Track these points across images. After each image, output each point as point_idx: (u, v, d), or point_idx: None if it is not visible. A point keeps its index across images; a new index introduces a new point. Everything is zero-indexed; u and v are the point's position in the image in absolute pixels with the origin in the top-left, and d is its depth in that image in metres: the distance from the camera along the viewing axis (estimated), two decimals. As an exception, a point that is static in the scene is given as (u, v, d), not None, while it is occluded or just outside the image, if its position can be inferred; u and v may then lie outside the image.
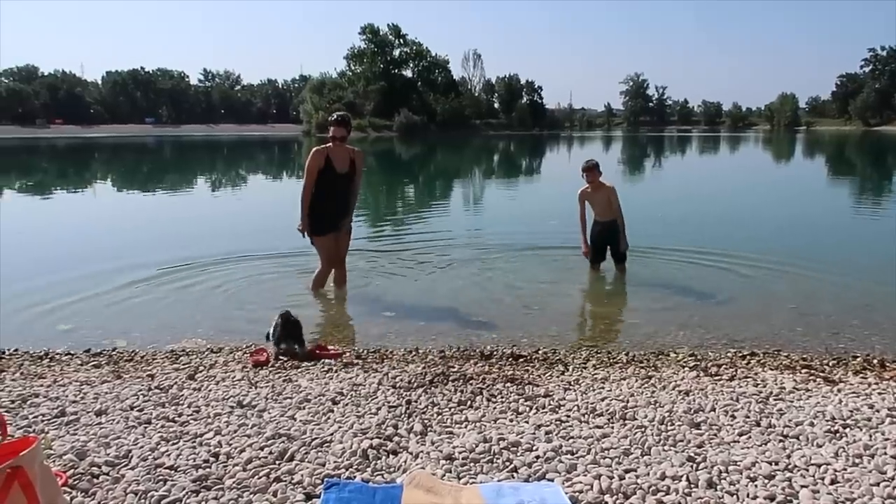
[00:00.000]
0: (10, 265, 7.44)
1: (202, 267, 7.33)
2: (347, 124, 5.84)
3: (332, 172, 5.76)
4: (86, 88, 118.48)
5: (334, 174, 5.77)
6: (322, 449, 2.70)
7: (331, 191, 5.79)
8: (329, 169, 5.75)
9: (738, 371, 3.86)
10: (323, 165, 5.72)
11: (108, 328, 5.19)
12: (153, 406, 3.23)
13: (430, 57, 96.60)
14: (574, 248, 7.26)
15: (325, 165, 5.73)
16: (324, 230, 5.84)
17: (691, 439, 2.80)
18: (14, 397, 3.35)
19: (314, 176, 5.73)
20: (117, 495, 2.32)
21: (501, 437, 2.78)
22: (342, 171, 5.81)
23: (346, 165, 5.83)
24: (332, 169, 5.75)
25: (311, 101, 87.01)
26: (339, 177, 5.80)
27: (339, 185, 5.83)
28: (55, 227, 11.31)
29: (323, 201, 5.77)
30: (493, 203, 15.92)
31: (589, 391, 3.45)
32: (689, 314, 5.54)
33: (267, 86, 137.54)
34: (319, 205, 5.77)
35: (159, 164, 33.83)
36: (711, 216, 12.00)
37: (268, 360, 4.06)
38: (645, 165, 31.74)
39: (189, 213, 13.60)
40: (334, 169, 5.77)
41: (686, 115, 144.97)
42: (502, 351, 4.43)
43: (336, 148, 5.78)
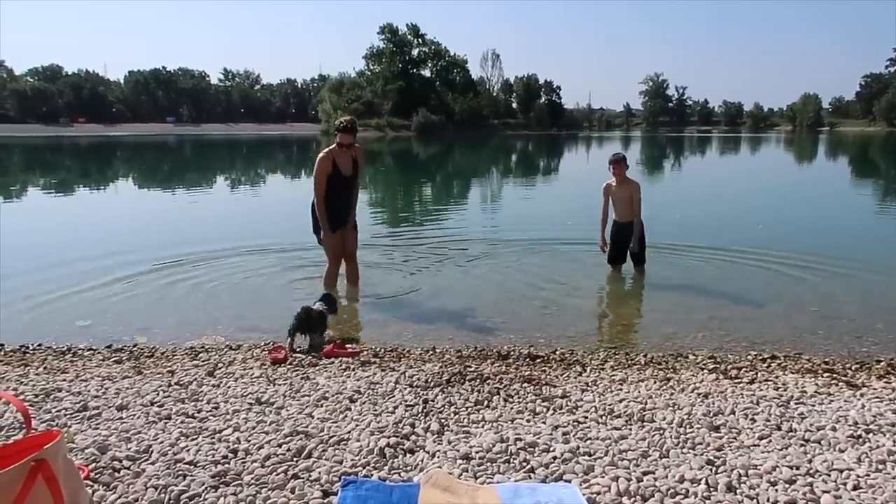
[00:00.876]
0: (29, 260, 7.54)
1: (222, 263, 7.40)
2: (355, 131, 6.00)
3: (339, 176, 5.96)
4: (108, 88, 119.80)
5: (340, 177, 5.97)
6: (339, 447, 2.71)
7: (336, 192, 5.97)
8: (336, 173, 5.93)
9: (759, 374, 3.82)
10: (331, 170, 5.90)
11: (128, 324, 5.26)
12: (173, 402, 3.26)
13: (448, 57, 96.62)
14: (592, 244, 7.22)
15: (333, 170, 5.91)
16: (334, 228, 6.02)
17: (710, 442, 2.77)
18: (38, 391, 3.41)
19: (324, 183, 5.89)
20: (138, 489, 2.35)
21: (518, 438, 2.78)
22: (347, 173, 6.01)
23: (350, 167, 6.03)
24: (338, 173, 5.95)
25: (330, 100, 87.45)
26: (344, 179, 6.00)
27: (343, 187, 6.04)
28: (75, 223, 11.45)
29: (328, 202, 5.95)
30: (511, 203, 15.88)
31: (607, 392, 3.43)
32: (709, 316, 5.49)
33: (286, 85, 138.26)
34: (327, 206, 5.96)
35: (179, 163, 34.16)
36: (732, 216, 11.88)
37: (286, 358, 4.09)
38: (664, 166, 31.49)
39: (208, 210, 13.70)
40: (340, 172, 5.97)
41: (706, 116, 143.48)
42: (519, 351, 4.42)
43: (341, 151, 5.94)
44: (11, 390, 3.40)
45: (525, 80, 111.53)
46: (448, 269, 7.37)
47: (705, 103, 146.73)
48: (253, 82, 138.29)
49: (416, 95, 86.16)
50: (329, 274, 6.20)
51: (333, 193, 5.95)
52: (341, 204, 6.05)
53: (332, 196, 5.95)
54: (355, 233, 6.28)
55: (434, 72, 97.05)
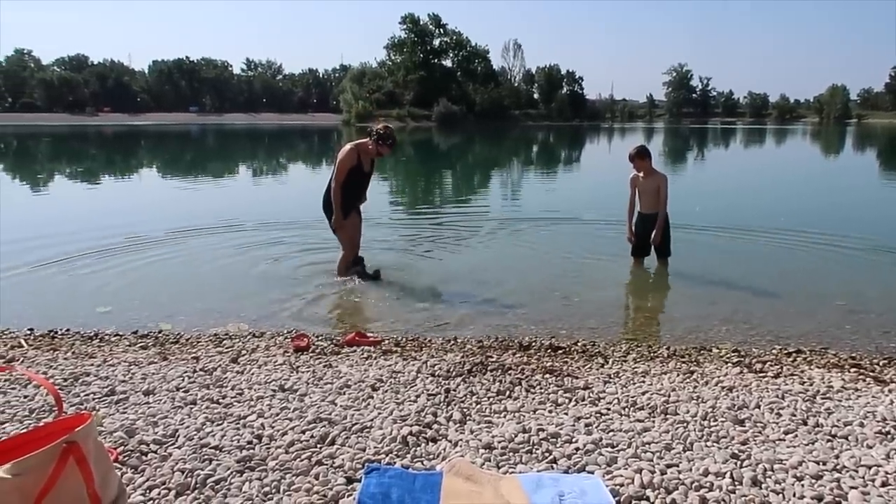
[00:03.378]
0: (52, 246, 7.67)
1: (244, 250, 7.48)
2: (392, 146, 6.13)
3: (359, 171, 6.11)
4: (133, 77, 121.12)
5: (360, 173, 6.13)
6: (362, 434, 2.73)
7: (353, 186, 6.13)
8: (357, 167, 6.07)
9: (784, 368, 3.77)
10: (354, 164, 6.02)
11: (152, 311, 5.32)
12: (198, 388, 3.31)
13: (469, 47, 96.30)
14: (617, 233, 7.17)
15: (356, 164, 6.04)
16: (348, 213, 6.18)
17: (735, 436, 2.75)
18: (67, 375, 3.47)
19: (346, 174, 6.00)
20: (165, 473, 2.39)
21: (541, 428, 2.78)
22: (366, 170, 6.22)
23: (370, 165, 6.24)
24: (360, 168, 6.10)
25: (351, 90, 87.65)
26: (363, 174, 6.18)
27: (361, 182, 6.22)
28: (96, 210, 11.59)
29: (347, 195, 6.11)
30: (532, 193, 15.80)
31: (629, 384, 3.41)
32: (733, 309, 5.42)
33: (308, 75, 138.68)
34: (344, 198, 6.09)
35: (203, 152, 34.47)
36: (755, 208, 11.70)
37: (308, 346, 4.12)
38: (687, 157, 31.13)
39: (230, 197, 13.82)
40: (362, 168, 6.13)
41: (731, 107, 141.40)
42: (541, 342, 4.41)
43: (367, 150, 6.08)
44: (41, 374, 3.46)
45: (547, 71, 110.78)
46: (468, 259, 7.37)
47: (730, 94, 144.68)
48: (275, 72, 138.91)
49: (437, 86, 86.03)
50: (345, 260, 6.34)
51: (352, 186, 6.11)
52: (357, 195, 6.26)
53: (350, 188, 6.12)
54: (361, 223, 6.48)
55: (455, 62, 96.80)
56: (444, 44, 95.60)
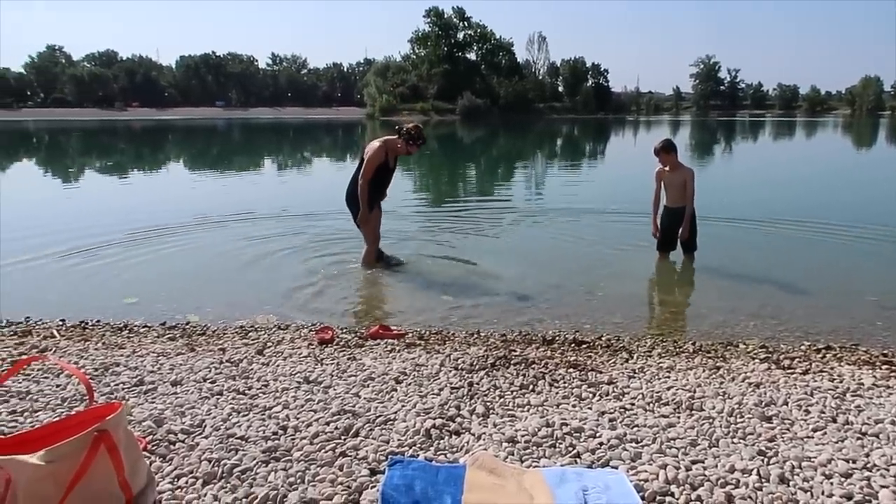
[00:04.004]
0: (79, 238, 7.83)
1: (269, 242, 7.55)
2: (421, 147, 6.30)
3: (385, 168, 6.25)
4: (160, 72, 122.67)
5: (386, 169, 6.28)
6: (386, 426, 2.75)
7: (379, 182, 6.28)
8: (384, 164, 6.21)
9: (813, 365, 3.71)
10: (382, 161, 6.15)
11: (179, 302, 5.40)
12: (224, 379, 3.35)
13: (494, 40, 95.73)
14: (642, 226, 7.11)
15: (384, 161, 6.18)
16: (372, 209, 6.31)
17: (762, 433, 2.71)
18: (97, 365, 3.54)
19: (374, 171, 6.13)
20: (192, 462, 2.43)
21: (564, 423, 2.77)
22: (392, 167, 6.36)
23: (394, 162, 6.37)
24: (386, 165, 6.24)
25: (376, 84, 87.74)
26: (387, 171, 6.33)
27: (386, 178, 6.38)
28: (125, 203, 11.77)
29: (373, 189, 6.24)
30: (556, 186, 15.70)
31: (654, 380, 3.38)
32: (761, 304, 5.35)
33: (332, 69, 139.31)
34: (371, 192, 6.21)
35: (229, 146, 34.82)
36: (785, 200, 11.51)
37: (332, 339, 4.15)
38: (714, 150, 30.69)
39: (255, 191, 13.95)
40: (387, 165, 6.26)
41: (759, 99, 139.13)
42: (565, 336, 4.39)
43: (396, 148, 6.20)
44: (73, 364, 3.54)
45: (572, 64, 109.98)
46: (491, 252, 7.35)
47: (759, 86, 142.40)
48: (300, 67, 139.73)
49: (461, 79, 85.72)
50: (370, 253, 6.45)
51: (377, 182, 6.24)
52: (381, 191, 6.40)
53: (380, 185, 6.29)
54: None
55: (479, 55, 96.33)
56: (468, 37, 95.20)
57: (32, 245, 7.44)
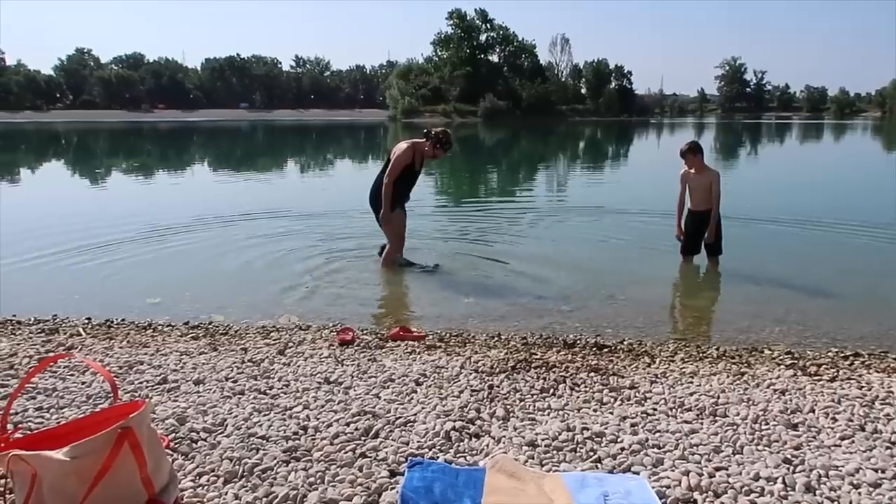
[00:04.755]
0: (101, 237, 7.95)
1: (290, 242, 7.60)
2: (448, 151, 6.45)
3: (412, 170, 6.32)
4: (186, 75, 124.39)
5: (412, 171, 6.34)
6: (406, 428, 2.75)
7: (405, 182, 6.34)
8: (411, 166, 6.28)
9: (840, 372, 3.64)
10: (409, 163, 6.22)
11: (201, 302, 5.45)
12: (246, 378, 3.38)
13: (516, 42, 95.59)
14: (664, 228, 7.04)
15: (410, 163, 6.25)
16: (398, 208, 6.36)
17: (787, 440, 2.66)
18: (122, 363, 3.59)
19: (400, 171, 6.20)
20: (214, 460, 2.45)
21: (585, 427, 2.74)
22: (417, 169, 6.42)
23: (420, 165, 6.43)
24: (413, 167, 6.30)
25: (398, 86, 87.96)
26: (413, 173, 6.39)
27: (411, 180, 6.42)
28: (148, 203, 11.91)
29: (400, 190, 6.30)
30: (578, 188, 15.63)
31: (677, 385, 3.34)
32: (786, 309, 5.26)
33: (355, 72, 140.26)
34: (397, 192, 6.27)
35: (253, 147, 35.16)
36: (812, 203, 11.31)
37: (353, 340, 4.16)
38: (739, 153, 30.31)
39: (277, 191, 14.06)
40: (414, 167, 6.33)
41: (786, 102, 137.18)
42: (586, 340, 4.36)
43: (423, 151, 6.28)
44: (98, 362, 3.59)
45: (595, 66, 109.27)
46: (513, 254, 7.31)
47: (786, 88, 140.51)
48: (323, 69, 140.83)
49: (483, 81, 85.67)
50: (392, 254, 6.48)
51: (403, 184, 6.30)
52: (407, 192, 6.44)
53: (402, 184, 6.30)
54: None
55: (502, 57, 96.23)
56: (490, 39, 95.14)
57: (59, 242, 7.59)
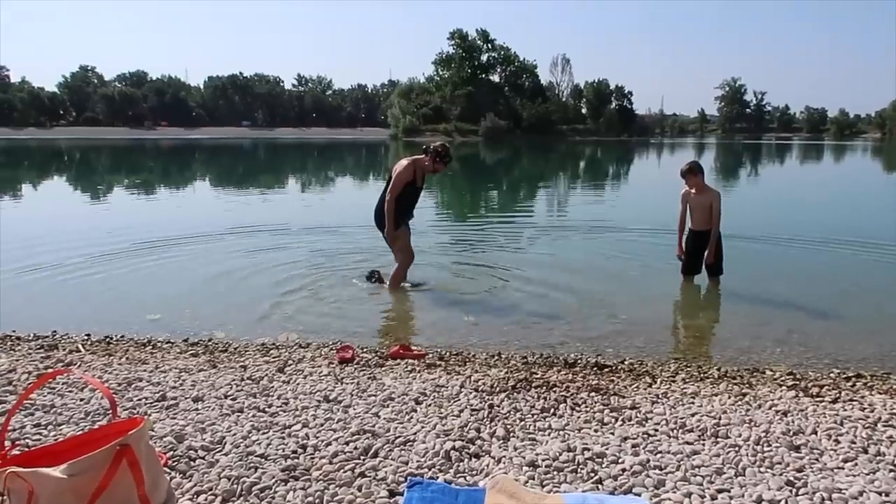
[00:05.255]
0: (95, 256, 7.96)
1: (290, 258, 7.60)
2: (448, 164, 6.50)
3: (414, 186, 6.36)
4: (189, 93, 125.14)
5: (414, 188, 6.38)
6: (405, 447, 2.73)
7: (407, 198, 6.36)
8: (413, 182, 6.31)
9: (843, 393, 3.62)
10: (410, 179, 6.26)
11: (201, 319, 5.44)
12: (245, 396, 3.36)
13: (517, 62, 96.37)
14: (665, 245, 7.04)
15: (412, 179, 6.28)
16: (402, 225, 6.38)
17: (790, 462, 2.64)
18: (121, 380, 3.58)
19: (402, 188, 6.23)
20: (212, 479, 2.43)
21: (586, 447, 2.72)
22: (419, 185, 6.45)
23: (422, 181, 6.47)
24: (414, 183, 6.34)
25: (399, 105, 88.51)
26: (415, 189, 6.42)
27: (414, 196, 6.46)
28: (147, 220, 11.93)
29: (402, 206, 6.31)
30: (580, 206, 15.66)
31: (678, 405, 3.32)
32: (787, 330, 5.25)
33: (357, 91, 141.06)
34: (399, 209, 6.29)
35: (254, 165, 35.30)
36: (813, 222, 11.32)
37: (353, 358, 4.15)
38: (740, 173, 30.42)
39: (277, 208, 14.09)
40: (416, 183, 6.36)
41: (786, 122, 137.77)
42: (587, 359, 4.34)
43: (423, 166, 6.32)
44: (97, 378, 3.57)
45: (595, 86, 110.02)
46: (514, 273, 7.31)
47: (785, 109, 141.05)
48: (325, 88, 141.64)
49: (484, 100, 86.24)
50: (400, 273, 6.45)
51: (406, 199, 6.33)
52: (410, 208, 6.47)
53: (405, 201, 6.33)
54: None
55: (503, 77, 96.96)
56: (491, 59, 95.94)
57: (59, 258, 7.60)
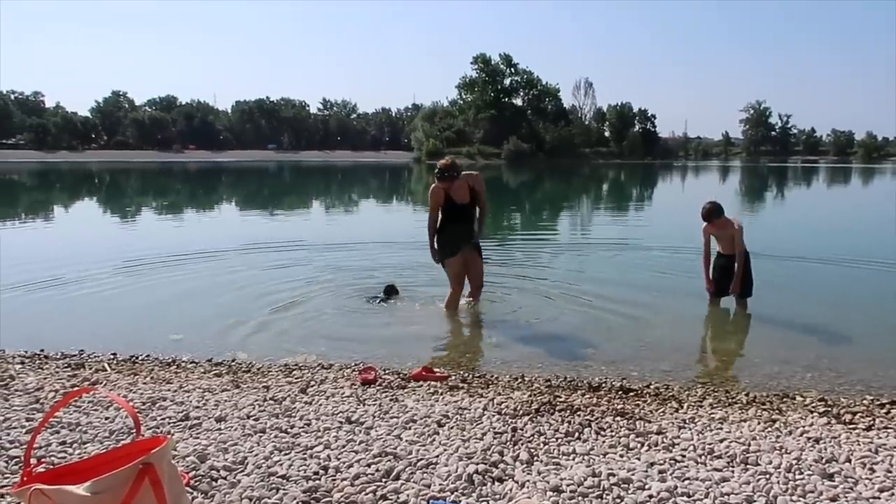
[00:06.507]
0: (120, 276, 8.07)
1: (315, 278, 7.63)
2: (452, 177, 6.06)
3: (453, 204, 6.17)
4: (217, 116, 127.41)
5: (455, 206, 6.18)
6: (427, 470, 2.70)
7: (453, 220, 6.21)
8: (449, 202, 6.16)
9: (877, 420, 3.52)
10: (443, 200, 6.13)
11: (223, 339, 5.48)
12: (268, 416, 3.36)
13: (540, 85, 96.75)
14: (692, 263, 6.94)
15: (445, 199, 6.13)
16: (450, 254, 6.25)
17: (823, 491, 2.57)
18: (145, 399, 3.60)
19: (436, 211, 6.18)
20: (234, 499, 2.42)
21: (611, 473, 2.67)
22: (462, 202, 6.20)
23: (466, 196, 6.20)
24: (451, 201, 6.16)
25: (423, 129, 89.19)
26: (459, 207, 6.19)
27: (460, 214, 6.22)
28: (172, 241, 12.09)
29: (448, 229, 6.21)
30: (603, 228, 15.56)
31: (706, 431, 3.25)
32: (817, 355, 5.13)
33: (381, 114, 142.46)
34: (445, 232, 6.22)
35: (280, 187, 35.72)
36: (845, 246, 11.12)
37: (375, 379, 4.13)
38: (766, 196, 30.06)
39: (305, 229, 14.19)
40: (454, 201, 6.17)
41: (812, 145, 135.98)
42: (611, 383, 4.28)
43: (456, 183, 6.11)
44: (122, 397, 3.60)
45: (618, 109, 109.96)
46: (537, 294, 7.26)
47: (812, 132, 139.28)
48: (350, 111, 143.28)
49: (507, 124, 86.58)
50: (451, 298, 6.38)
51: (452, 220, 6.19)
52: (461, 230, 6.23)
53: (452, 223, 6.19)
54: (479, 257, 6.42)
55: (526, 100, 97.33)
56: (514, 83, 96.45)
57: (85, 276, 7.77)
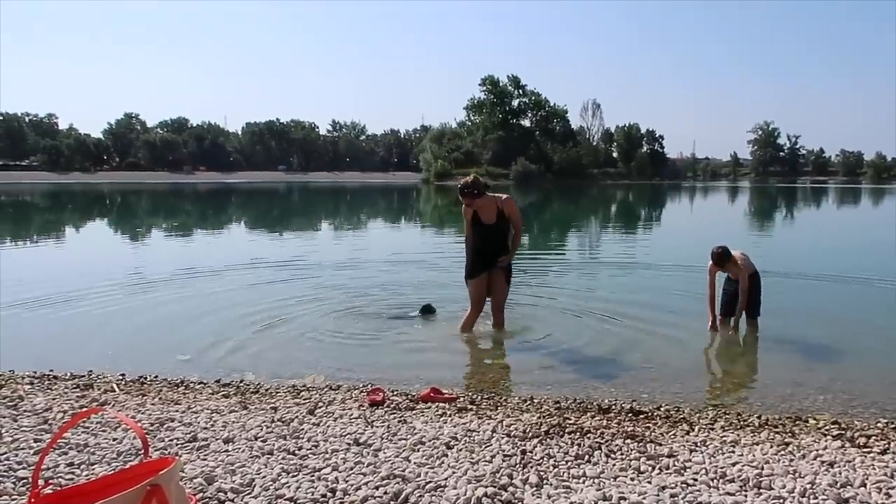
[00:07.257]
0: (129, 295, 8.10)
1: (322, 298, 7.63)
2: (472, 194, 6.05)
3: (480, 224, 6.16)
4: (227, 138, 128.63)
5: (482, 226, 6.16)
6: (436, 493, 2.68)
7: (481, 240, 6.18)
8: (477, 221, 6.15)
9: (892, 444, 3.46)
10: (471, 218, 6.15)
11: (231, 360, 5.48)
12: (275, 438, 3.35)
13: (548, 107, 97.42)
14: (700, 296, 6.90)
15: (474, 218, 6.14)
16: (472, 274, 6.24)
17: (838, 516, 2.52)
18: (153, 420, 3.60)
19: (471, 226, 6.19)
20: (241, 522, 2.40)
21: (623, 497, 2.64)
22: (489, 222, 6.14)
23: (493, 217, 6.13)
24: (479, 221, 6.15)
25: (431, 150, 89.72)
26: (486, 228, 6.15)
27: (488, 235, 6.17)
28: (181, 263, 12.16)
29: (475, 249, 6.21)
30: (611, 249, 15.53)
31: (718, 454, 3.21)
32: (830, 377, 5.07)
33: (390, 136, 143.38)
34: (472, 252, 6.24)
35: (289, 207, 35.93)
36: (856, 266, 11.05)
37: (383, 401, 4.12)
38: (775, 216, 29.96)
39: (312, 249, 14.24)
40: (481, 221, 6.15)
41: (821, 166, 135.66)
42: (621, 405, 4.24)
43: (481, 202, 6.08)
44: (130, 418, 3.59)
45: (626, 130, 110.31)
46: (546, 315, 7.23)
47: (820, 152, 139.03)
48: (358, 133, 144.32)
49: (515, 145, 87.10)
50: (468, 320, 6.34)
51: (480, 240, 6.16)
52: (490, 251, 6.16)
53: (479, 244, 6.17)
54: (504, 281, 6.30)
55: (534, 122, 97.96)
56: (522, 104, 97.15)
57: (94, 295, 7.80)
